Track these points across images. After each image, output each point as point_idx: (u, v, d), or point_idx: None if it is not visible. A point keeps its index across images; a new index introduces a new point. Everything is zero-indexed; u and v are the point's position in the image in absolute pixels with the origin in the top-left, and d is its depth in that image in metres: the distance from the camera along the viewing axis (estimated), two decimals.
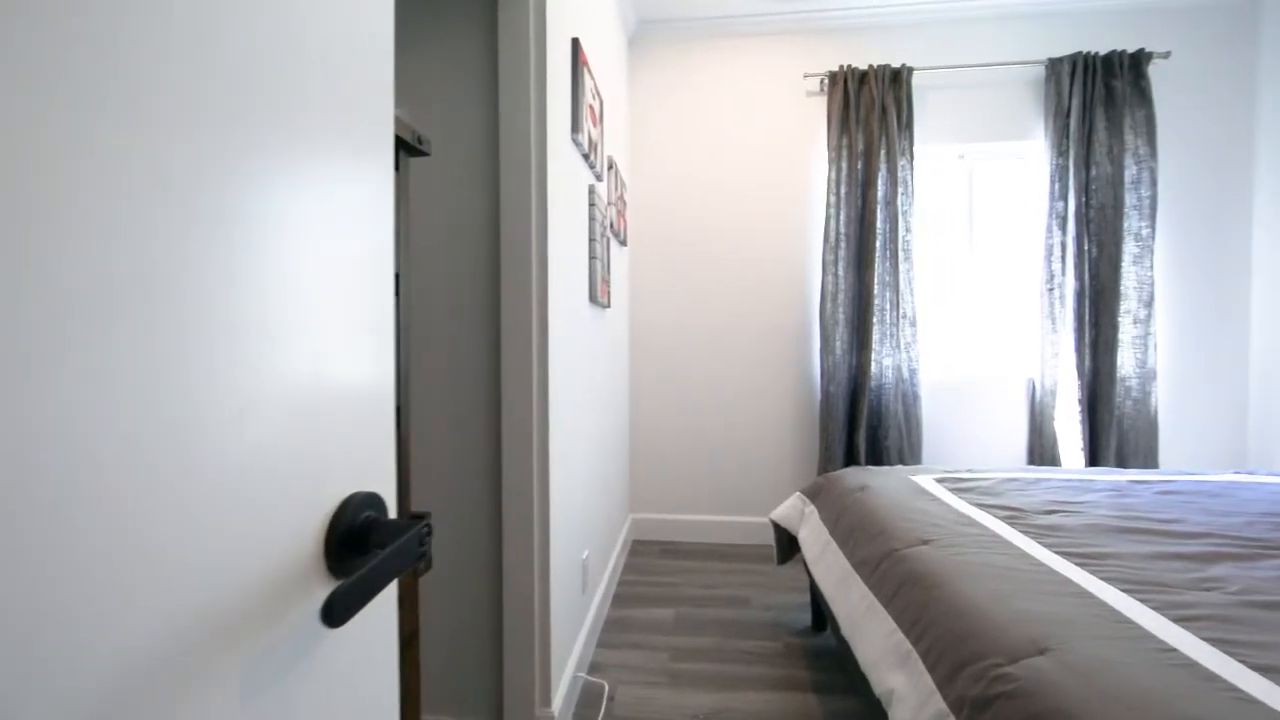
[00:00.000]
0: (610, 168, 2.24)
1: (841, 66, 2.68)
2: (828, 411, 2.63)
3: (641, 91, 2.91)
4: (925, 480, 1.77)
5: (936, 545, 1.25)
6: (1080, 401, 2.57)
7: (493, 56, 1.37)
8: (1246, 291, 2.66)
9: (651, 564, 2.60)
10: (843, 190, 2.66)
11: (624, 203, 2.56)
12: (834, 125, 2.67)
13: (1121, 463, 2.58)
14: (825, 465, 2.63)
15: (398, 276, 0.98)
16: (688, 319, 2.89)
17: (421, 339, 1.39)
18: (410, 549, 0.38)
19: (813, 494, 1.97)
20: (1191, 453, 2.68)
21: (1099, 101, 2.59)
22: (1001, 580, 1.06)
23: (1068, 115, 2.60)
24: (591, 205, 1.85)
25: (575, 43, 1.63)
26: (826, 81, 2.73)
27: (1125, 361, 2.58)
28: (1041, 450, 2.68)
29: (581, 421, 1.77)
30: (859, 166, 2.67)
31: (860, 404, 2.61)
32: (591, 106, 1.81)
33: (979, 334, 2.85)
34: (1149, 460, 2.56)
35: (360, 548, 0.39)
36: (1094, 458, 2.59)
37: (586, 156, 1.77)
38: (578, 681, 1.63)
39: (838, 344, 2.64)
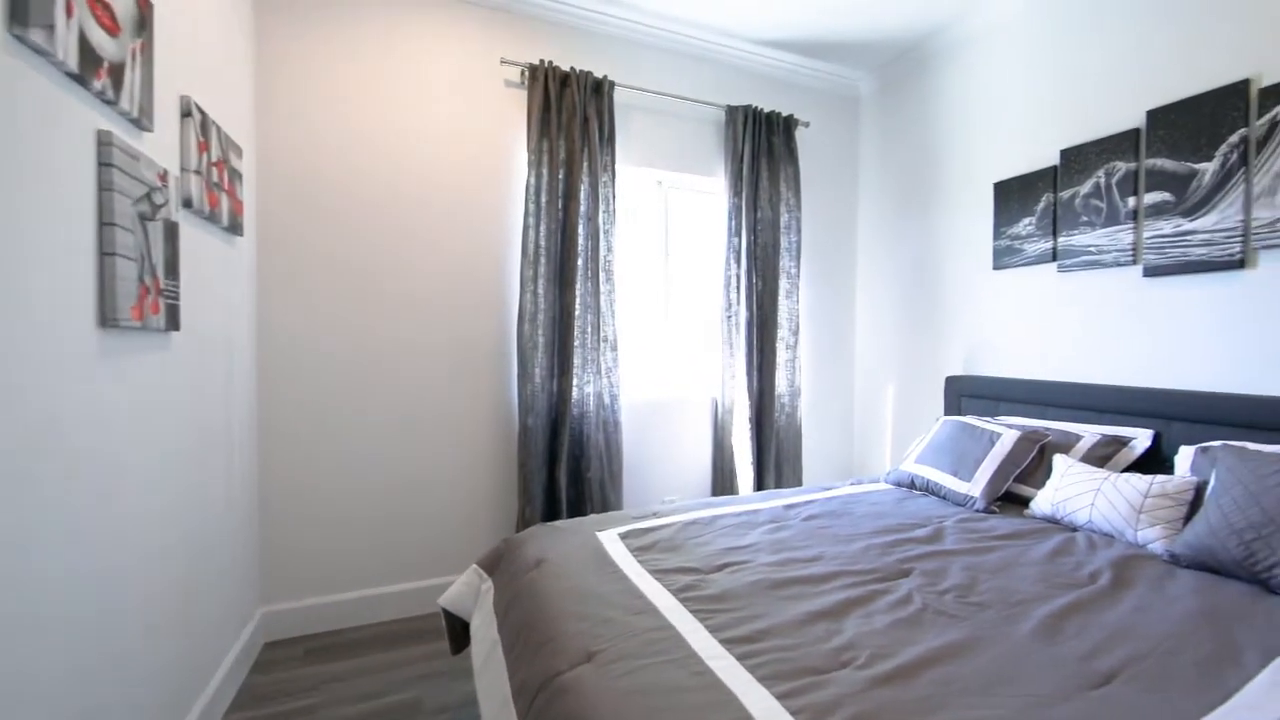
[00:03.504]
0: (188, 115, 1.47)
1: (543, 61, 2.41)
2: (526, 446, 2.33)
3: (287, 32, 2.12)
4: (610, 538, 1.58)
5: (601, 661, 1.01)
6: (750, 420, 2.86)
7: None
8: (853, 325, 3.37)
9: (284, 680, 1.87)
10: (543, 199, 2.39)
11: (234, 175, 1.77)
12: (534, 125, 2.38)
13: (779, 470, 2.97)
14: (525, 506, 2.33)
15: None
16: (354, 341, 2.23)
17: None
18: None
19: (490, 566, 1.61)
20: (822, 458, 3.27)
21: (763, 153, 2.92)
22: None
23: (741, 160, 2.86)
24: (107, 165, 1.11)
25: None
26: (527, 74, 2.42)
27: (780, 382, 2.98)
28: (722, 464, 2.90)
29: (80, 535, 1.03)
30: (561, 176, 2.44)
31: (561, 435, 2.38)
32: None
33: (672, 357, 2.95)
34: (796, 465, 3.01)
35: None
36: (760, 467, 2.92)
37: (80, 78, 1.03)
38: None
39: (537, 370, 2.36)
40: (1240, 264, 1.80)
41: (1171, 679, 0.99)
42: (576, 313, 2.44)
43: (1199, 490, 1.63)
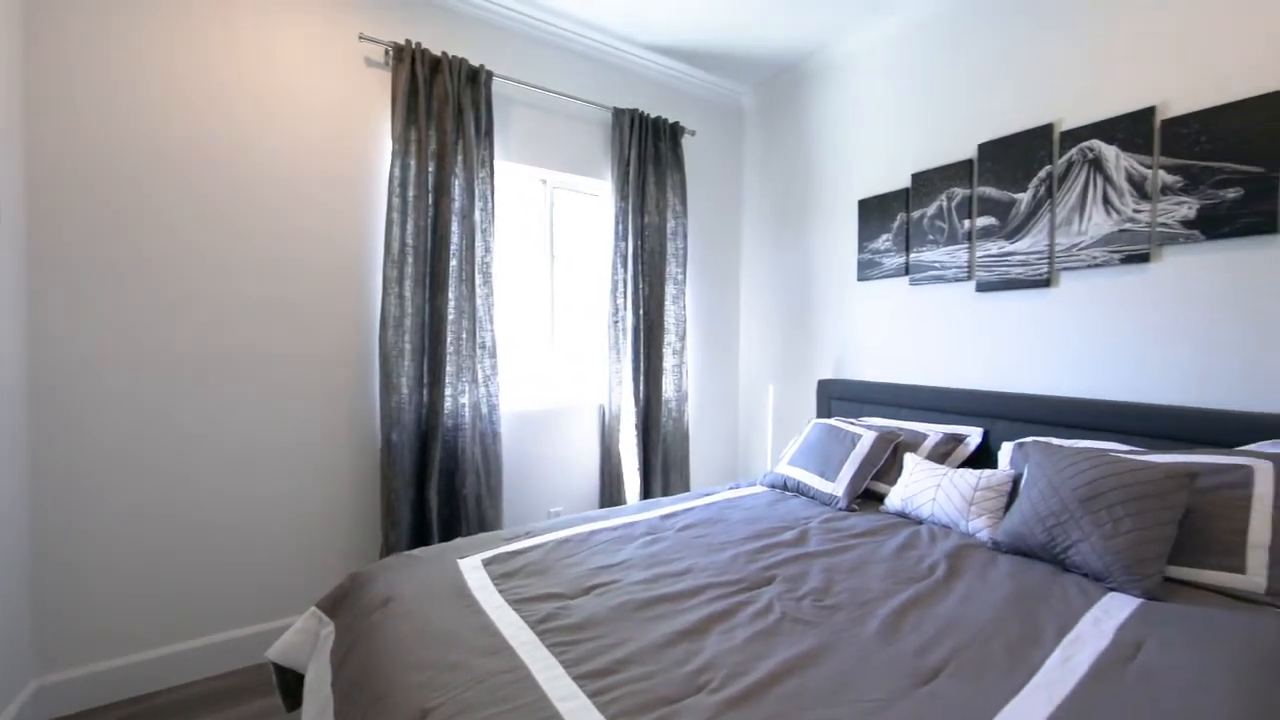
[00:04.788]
0: None
1: (409, 41, 2.21)
2: (390, 464, 2.12)
3: None
4: (471, 566, 1.46)
5: (436, 719, 0.90)
6: (637, 426, 2.85)
7: None
8: (738, 330, 3.48)
9: None
10: (410, 193, 2.19)
11: None
12: (400, 111, 2.17)
13: (666, 475, 2.99)
14: (390, 532, 2.12)
15: None
16: (168, 354, 1.89)
17: None
18: None
19: (333, 607, 1.42)
20: (709, 460, 3.34)
21: (650, 159, 2.91)
22: None
23: (627, 164, 2.83)
24: None
25: None
26: (391, 54, 2.20)
27: (668, 387, 3.00)
28: (610, 472, 2.86)
29: None
30: (431, 169, 2.25)
31: (432, 450, 2.20)
32: None
33: (558, 363, 2.86)
34: (683, 469, 3.05)
35: None
36: (647, 473, 2.91)
37: None
38: None
39: (404, 381, 2.16)
40: (1047, 283, 2.07)
41: (987, 667, 1.07)
42: (450, 317, 2.26)
43: (1016, 482, 1.84)
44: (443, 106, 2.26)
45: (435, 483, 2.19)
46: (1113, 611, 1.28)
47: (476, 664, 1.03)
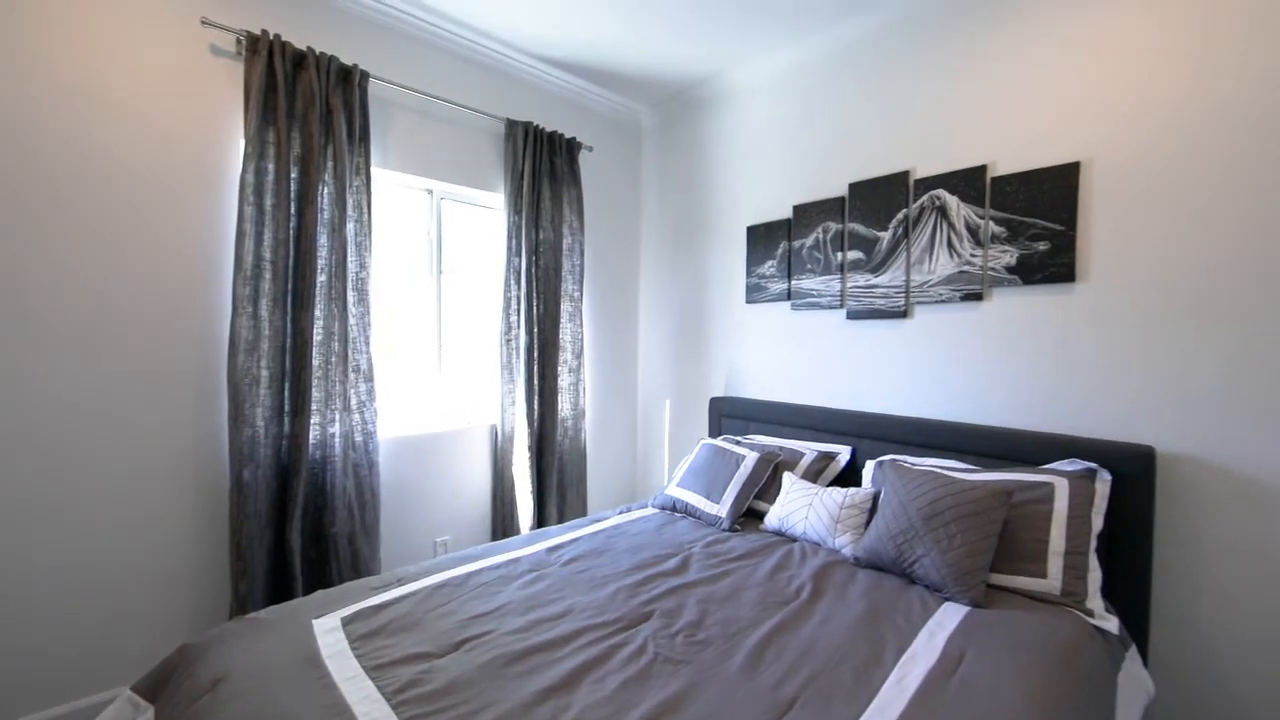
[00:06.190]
0: None
1: (265, 32, 1.98)
2: (242, 507, 1.89)
3: None
4: (328, 627, 1.33)
5: None
6: (530, 447, 2.78)
7: None
8: (636, 347, 3.52)
9: None
10: (268, 201, 1.97)
11: None
12: (254, 109, 1.94)
13: (562, 496, 2.95)
14: (240, 583, 1.88)
15: None
16: None
17: None
18: None
19: (152, 689, 1.24)
20: (608, 478, 3.34)
21: (545, 173, 2.85)
22: None
23: (521, 177, 2.75)
24: None
25: None
26: (244, 44, 1.96)
27: (564, 405, 2.96)
28: (503, 494, 2.77)
29: None
30: (293, 175, 2.04)
31: (294, 487, 1.99)
32: None
33: (447, 384, 2.72)
34: (580, 489, 3.02)
35: None
36: (541, 496, 2.85)
37: None
38: None
39: (258, 411, 1.94)
40: (904, 314, 2.29)
41: (835, 692, 1.16)
42: (317, 339, 2.06)
43: (875, 499, 2.02)
44: (308, 107, 2.06)
45: (298, 523, 1.98)
46: (945, 623, 1.43)
47: None
